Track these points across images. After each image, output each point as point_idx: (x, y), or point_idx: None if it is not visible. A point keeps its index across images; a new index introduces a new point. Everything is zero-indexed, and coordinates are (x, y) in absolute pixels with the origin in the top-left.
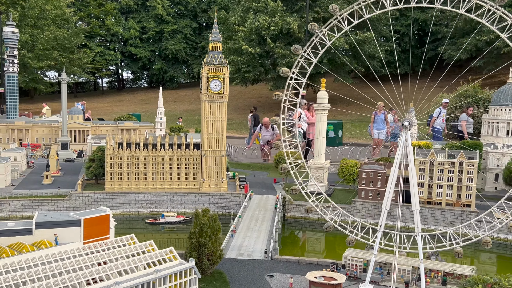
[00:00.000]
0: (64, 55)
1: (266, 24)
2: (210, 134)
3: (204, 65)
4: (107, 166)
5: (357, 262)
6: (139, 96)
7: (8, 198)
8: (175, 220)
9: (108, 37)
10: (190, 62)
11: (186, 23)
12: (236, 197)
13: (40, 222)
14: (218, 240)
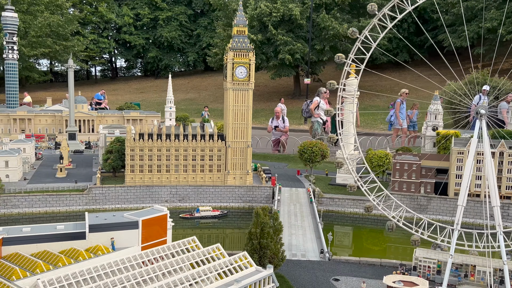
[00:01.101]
0: (58, 42)
1: (268, 10)
2: (235, 124)
3: (229, 50)
4: (128, 158)
5: (430, 264)
6: (133, 85)
7: (24, 193)
8: (210, 215)
9: (101, 24)
10: (186, 50)
11: (181, 10)
12: (263, 190)
13: (95, 225)
14: (280, 241)
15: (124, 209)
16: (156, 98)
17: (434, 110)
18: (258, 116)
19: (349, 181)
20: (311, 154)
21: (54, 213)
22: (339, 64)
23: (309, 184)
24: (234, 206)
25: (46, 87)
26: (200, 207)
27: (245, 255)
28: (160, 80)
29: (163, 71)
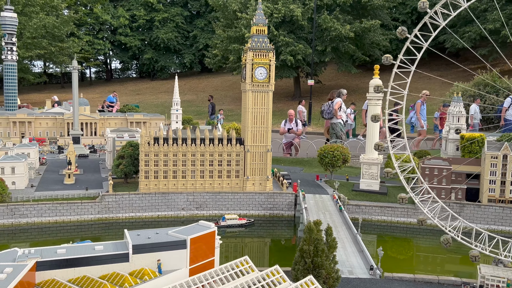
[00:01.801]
0: (53, 43)
1: (269, 11)
2: (254, 127)
3: (248, 50)
4: (142, 164)
5: (498, 283)
6: (129, 87)
7: (32, 202)
8: (237, 224)
9: (96, 25)
10: (182, 51)
11: (177, 11)
12: (285, 197)
13: (139, 245)
14: (334, 259)
15: (138, 218)
16: (154, 100)
17: (456, 112)
18: None
19: (373, 187)
20: (332, 158)
21: (64, 222)
22: (387, 65)
23: (333, 190)
24: (254, 214)
25: (40, 89)
26: (226, 215)
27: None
28: (156, 82)
29: (159, 73)
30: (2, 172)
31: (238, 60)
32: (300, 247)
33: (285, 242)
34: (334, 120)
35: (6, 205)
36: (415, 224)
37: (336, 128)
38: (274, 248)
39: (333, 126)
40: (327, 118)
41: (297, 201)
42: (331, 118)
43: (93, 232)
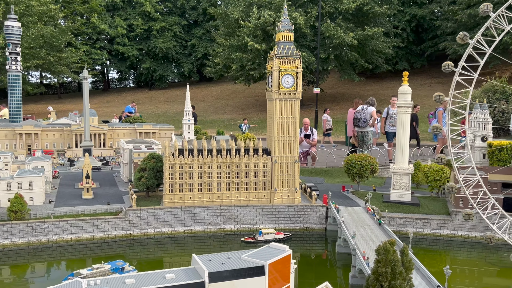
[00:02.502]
0: (52, 53)
1: (272, 20)
2: (281, 137)
3: (275, 57)
4: (166, 177)
5: None
6: (127, 97)
7: (53, 218)
8: (274, 238)
9: (94, 35)
10: (181, 60)
11: (175, 20)
12: (315, 210)
13: (215, 273)
14: (410, 281)
15: (164, 233)
16: (154, 109)
17: (482, 119)
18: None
19: (405, 197)
20: (360, 168)
21: (87, 240)
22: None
23: (364, 202)
24: (284, 228)
25: (36, 99)
26: (262, 229)
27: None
28: (154, 91)
29: (158, 82)
30: (19, 187)
31: (241, 69)
32: (374, 269)
33: (315, 257)
34: (367, 128)
35: (26, 223)
36: (452, 236)
37: (368, 137)
38: (303, 263)
39: (365, 135)
40: (363, 126)
41: (328, 214)
42: (365, 126)
43: (117, 250)
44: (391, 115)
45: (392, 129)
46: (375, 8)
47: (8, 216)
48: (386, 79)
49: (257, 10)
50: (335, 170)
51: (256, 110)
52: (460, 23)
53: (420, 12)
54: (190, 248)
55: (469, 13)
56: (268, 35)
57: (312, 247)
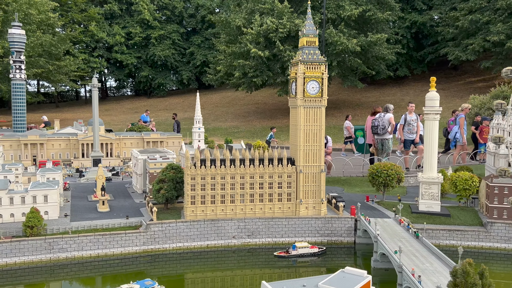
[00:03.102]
0: (51, 62)
1: (274, 26)
2: (306, 146)
3: (299, 63)
4: (188, 188)
5: None
6: (126, 105)
7: (72, 234)
8: (309, 252)
9: (92, 43)
10: (179, 68)
11: (174, 28)
12: (344, 222)
13: None
14: None
15: (187, 248)
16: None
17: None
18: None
19: (434, 208)
20: (386, 177)
21: (107, 256)
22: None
23: (395, 214)
24: (311, 241)
25: (33, 108)
26: (296, 243)
27: None
28: (153, 100)
29: (157, 90)
30: (34, 201)
31: (244, 76)
32: None
33: None
34: (387, 135)
35: (44, 239)
36: (487, 249)
37: (388, 144)
38: None
39: (384, 142)
40: (382, 133)
41: (357, 226)
42: (385, 133)
43: (138, 266)
44: (408, 122)
45: (409, 137)
46: (377, 14)
47: (24, 232)
48: (386, 86)
49: (260, 17)
50: (353, 179)
51: (258, 118)
52: (462, 29)
53: (421, 19)
54: (213, 264)
55: (471, 18)
56: (270, 42)
57: (341, 261)
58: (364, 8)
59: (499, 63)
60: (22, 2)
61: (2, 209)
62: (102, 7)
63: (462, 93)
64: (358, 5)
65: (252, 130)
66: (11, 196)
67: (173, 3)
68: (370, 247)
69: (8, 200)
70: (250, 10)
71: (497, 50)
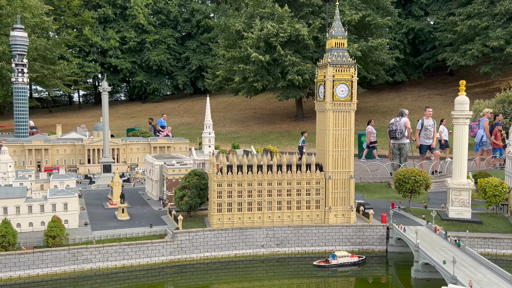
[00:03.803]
0: (46, 66)
1: (275, 31)
2: (335, 151)
3: (329, 65)
4: (214, 196)
5: None
6: (121, 110)
7: (96, 244)
8: (350, 262)
9: (86, 47)
10: (174, 73)
11: (169, 33)
12: (375, 230)
13: None
14: None
15: (214, 258)
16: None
17: None
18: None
19: (465, 215)
20: (414, 183)
21: (133, 266)
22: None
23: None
24: (341, 250)
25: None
26: (335, 252)
27: None
28: (148, 105)
29: (151, 95)
30: (53, 209)
31: (244, 81)
32: None
33: (373, 281)
34: (404, 140)
35: (68, 249)
36: None
37: (406, 148)
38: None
39: (402, 147)
40: (400, 137)
41: (389, 234)
42: (402, 137)
43: (165, 277)
44: (425, 127)
45: (426, 142)
46: (377, 19)
47: (45, 242)
48: (383, 91)
49: (260, 22)
50: (372, 185)
51: (257, 123)
52: (460, 34)
53: (418, 25)
54: (241, 274)
55: (470, 24)
56: (270, 47)
57: (372, 270)
58: (364, 13)
59: (498, 68)
60: (16, 5)
61: (20, 218)
62: (96, 11)
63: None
64: (358, 10)
65: (252, 135)
66: (29, 204)
67: (168, 7)
68: (404, 256)
69: (27, 208)
70: (250, 14)
71: (496, 55)
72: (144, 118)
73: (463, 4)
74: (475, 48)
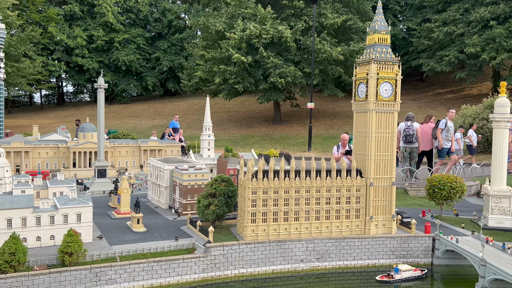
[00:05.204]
0: (9, 64)
1: (258, 32)
2: (378, 156)
3: (372, 62)
4: (248, 204)
5: None
6: (87, 111)
7: (121, 261)
8: (414, 276)
9: (51, 45)
10: (144, 74)
11: (139, 32)
12: (421, 241)
13: None
14: None
15: (250, 274)
16: (120, 124)
17: None
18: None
19: (506, 223)
20: (450, 190)
21: (162, 286)
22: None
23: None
24: (385, 264)
25: None
26: (398, 265)
27: None
28: (116, 106)
29: (119, 97)
30: (65, 221)
31: (224, 82)
32: None
33: None
34: (416, 144)
35: (90, 268)
36: None
37: (415, 153)
38: None
39: (413, 150)
40: (415, 141)
41: (435, 245)
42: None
43: None
44: (448, 128)
45: (446, 145)
46: (358, 23)
47: (60, 260)
48: None
49: (242, 22)
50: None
51: (234, 126)
52: (436, 41)
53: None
54: None
55: (446, 30)
56: (252, 48)
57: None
58: (346, 17)
59: (473, 74)
60: None
61: (27, 231)
62: (62, 8)
63: (434, 104)
64: (339, 14)
65: (232, 138)
66: (37, 215)
67: (138, 6)
68: (451, 269)
69: (35, 220)
70: (231, 14)
71: (471, 62)
72: (113, 120)
73: (439, 11)
74: (451, 54)
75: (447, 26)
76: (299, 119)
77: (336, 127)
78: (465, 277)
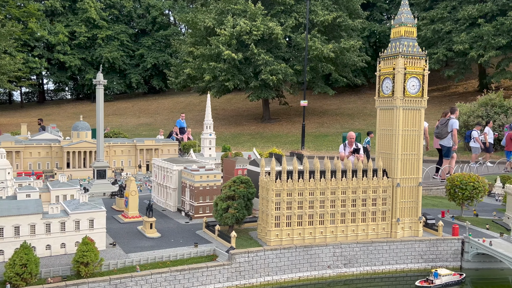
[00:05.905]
0: None
1: (248, 28)
2: (404, 155)
3: (399, 56)
4: (271, 207)
5: None
6: (69, 109)
7: (142, 271)
8: (454, 280)
9: (31, 42)
10: (127, 71)
11: (122, 29)
12: (450, 244)
13: None
14: None
15: (276, 282)
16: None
17: None
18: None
19: None
20: (472, 190)
21: None
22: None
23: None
24: (413, 268)
25: None
26: (436, 269)
27: None
28: None
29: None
30: (76, 227)
31: (214, 79)
32: None
33: None
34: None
35: (109, 279)
36: None
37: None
38: None
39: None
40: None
41: (464, 248)
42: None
43: None
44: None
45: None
46: (347, 21)
47: (74, 270)
48: (344, 94)
49: (232, 18)
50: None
51: (222, 124)
52: (424, 38)
53: (380, 29)
54: None
55: (433, 28)
56: (242, 45)
57: None
58: (336, 14)
59: (461, 72)
60: None
61: (36, 239)
62: (43, 3)
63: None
64: (329, 11)
65: (222, 137)
66: (47, 222)
67: (122, 2)
68: (481, 273)
69: (44, 227)
70: (220, 10)
71: (459, 60)
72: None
73: (426, 8)
74: (440, 52)
75: (434, 24)
76: (288, 117)
77: (326, 125)
78: (497, 281)
